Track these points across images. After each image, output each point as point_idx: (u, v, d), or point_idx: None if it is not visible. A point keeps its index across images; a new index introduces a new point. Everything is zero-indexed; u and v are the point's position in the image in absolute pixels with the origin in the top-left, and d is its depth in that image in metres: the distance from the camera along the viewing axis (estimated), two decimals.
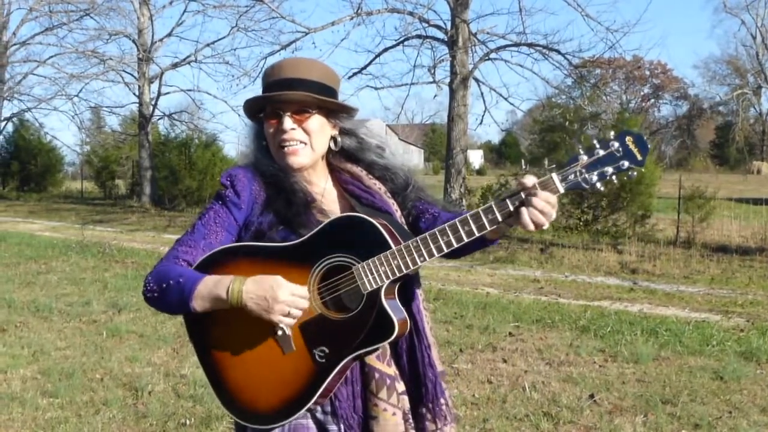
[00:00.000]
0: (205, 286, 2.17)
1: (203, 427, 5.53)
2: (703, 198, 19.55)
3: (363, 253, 2.21)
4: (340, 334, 2.22)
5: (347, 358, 2.22)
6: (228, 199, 2.34)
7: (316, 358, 2.21)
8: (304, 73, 2.45)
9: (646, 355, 7.66)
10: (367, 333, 2.21)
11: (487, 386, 6.66)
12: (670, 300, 11.17)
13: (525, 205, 2.12)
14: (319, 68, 2.51)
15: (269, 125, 2.43)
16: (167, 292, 2.19)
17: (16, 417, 5.78)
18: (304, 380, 2.22)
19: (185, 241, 2.32)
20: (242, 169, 2.42)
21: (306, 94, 2.40)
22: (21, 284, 11.92)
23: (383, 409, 2.30)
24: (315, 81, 2.44)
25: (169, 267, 2.24)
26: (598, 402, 6.24)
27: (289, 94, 2.40)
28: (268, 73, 2.50)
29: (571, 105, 22.24)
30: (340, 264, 2.23)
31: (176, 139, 31.73)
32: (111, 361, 7.35)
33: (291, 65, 2.49)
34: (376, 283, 2.20)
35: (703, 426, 5.68)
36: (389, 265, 2.19)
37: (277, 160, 2.43)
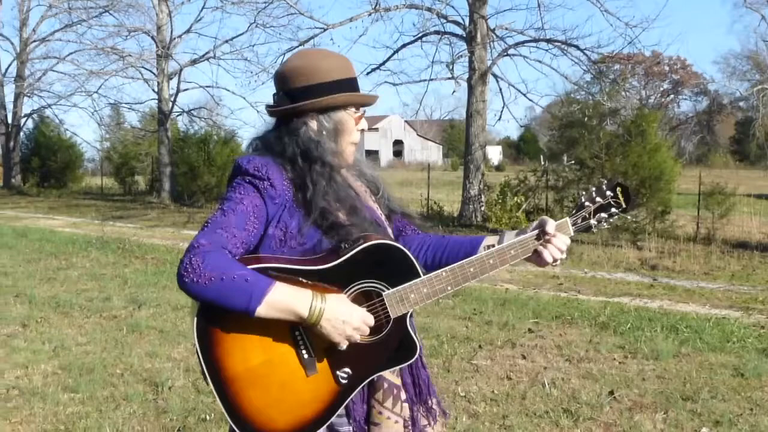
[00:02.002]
0: (280, 296, 2.09)
1: (223, 422, 5.54)
2: (723, 194, 19.46)
3: (393, 279, 2.28)
4: (365, 356, 2.25)
5: (369, 378, 2.27)
6: (266, 192, 2.27)
7: (339, 379, 2.23)
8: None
9: (666, 352, 7.63)
10: (392, 355, 2.30)
11: (507, 382, 6.66)
12: (691, 296, 11.12)
13: (545, 246, 2.43)
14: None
15: (356, 122, 2.49)
16: (227, 287, 2.06)
17: (38, 412, 5.81)
18: (325, 401, 2.22)
19: (227, 226, 2.19)
20: (267, 160, 2.34)
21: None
22: (42, 280, 11.98)
23: (386, 417, 2.34)
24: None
25: (226, 258, 2.11)
26: (618, 399, 6.22)
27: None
28: (347, 67, 2.51)
29: (590, 101, 22.13)
30: (369, 290, 2.27)
31: (195, 136, 31.75)
32: (131, 357, 7.38)
33: (349, 61, 2.57)
34: (405, 310, 2.29)
35: (723, 423, 5.65)
36: (419, 293, 2.30)
37: (344, 155, 2.46)
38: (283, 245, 2.28)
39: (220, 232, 2.16)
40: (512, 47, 21.42)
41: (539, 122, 70.90)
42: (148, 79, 33.16)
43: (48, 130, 40.59)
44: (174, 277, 2.15)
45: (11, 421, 5.61)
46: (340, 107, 2.44)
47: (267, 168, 2.29)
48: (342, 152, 2.44)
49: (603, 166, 20.24)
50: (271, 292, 2.08)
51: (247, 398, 2.16)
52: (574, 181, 21.20)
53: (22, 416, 5.72)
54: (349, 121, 2.46)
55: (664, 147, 21.00)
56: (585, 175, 20.85)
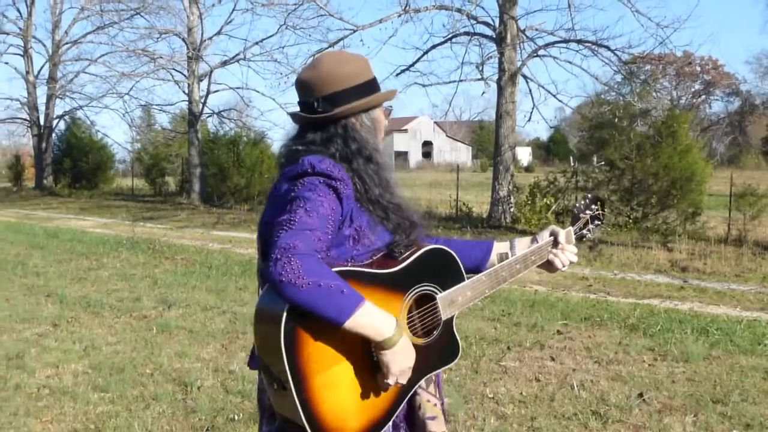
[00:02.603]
0: (368, 316, 2.11)
1: (251, 422, 5.57)
2: (755, 195, 19.30)
3: (445, 282, 2.39)
4: (421, 357, 2.30)
5: (424, 378, 2.34)
6: (343, 193, 2.28)
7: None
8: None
9: (697, 354, 7.58)
10: (440, 356, 2.40)
11: (535, 384, 6.64)
12: (721, 298, 11.04)
13: (556, 255, 2.76)
14: None
15: (386, 118, 2.61)
16: (323, 294, 2.05)
17: (68, 411, 5.86)
18: (390, 400, 2.27)
19: (313, 229, 2.17)
20: (335, 163, 2.35)
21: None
22: (73, 280, 12.08)
23: (427, 400, 2.45)
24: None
25: (322, 265, 2.10)
26: (647, 401, 6.19)
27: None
28: (362, 65, 2.56)
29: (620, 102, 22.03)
30: (426, 293, 2.34)
31: (225, 137, 31.91)
32: (161, 357, 7.43)
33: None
34: (453, 312, 2.41)
35: (754, 426, 5.61)
36: (465, 295, 2.44)
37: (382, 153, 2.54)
38: (357, 243, 2.32)
39: (309, 234, 2.15)
40: (542, 48, 21.35)
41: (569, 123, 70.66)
42: (178, 81, 33.39)
43: (79, 132, 40.92)
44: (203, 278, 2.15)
45: (42, 420, 5.67)
46: (377, 105, 2.53)
47: (339, 168, 2.32)
48: (381, 149, 2.53)
49: (633, 167, 20.14)
50: (360, 310, 2.09)
51: (322, 399, 2.16)
52: (604, 182, 21.09)
53: (52, 415, 5.78)
54: (381, 118, 2.55)
55: (695, 148, 20.87)
56: (615, 177, 20.76)
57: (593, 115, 22.68)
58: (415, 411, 2.42)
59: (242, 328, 8.64)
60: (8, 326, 8.73)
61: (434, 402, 2.43)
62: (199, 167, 31.53)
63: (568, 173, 22.52)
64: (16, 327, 8.70)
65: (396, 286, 2.27)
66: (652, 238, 17.67)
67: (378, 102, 2.52)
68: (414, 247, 2.35)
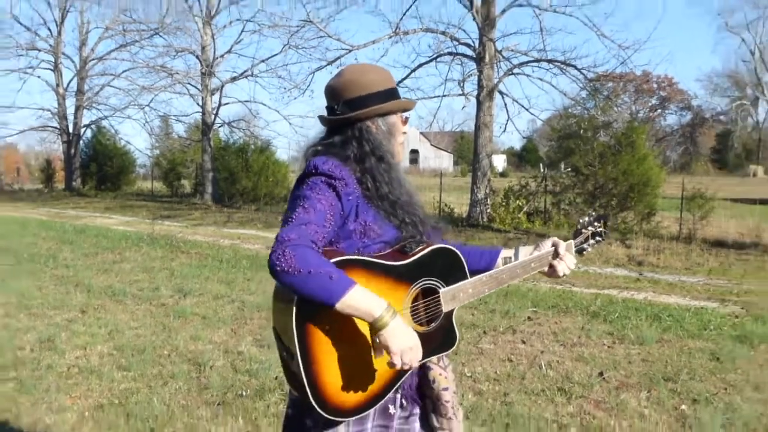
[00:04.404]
0: (357, 297, 2.09)
1: (257, 398, 5.59)
2: (704, 198, 19.38)
3: (448, 278, 2.38)
4: (421, 343, 2.27)
5: (420, 363, 2.31)
6: (342, 191, 2.26)
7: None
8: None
9: (650, 338, 7.63)
10: (439, 344, 2.39)
11: (508, 364, 6.67)
12: (673, 289, 11.09)
13: (557, 263, 2.70)
14: None
15: (403, 125, 2.58)
16: (311, 279, 2.05)
17: (95, 388, 5.88)
18: (385, 380, 2.26)
19: (309, 222, 2.17)
20: (337, 161, 2.34)
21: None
22: (99, 271, 12.07)
23: (439, 374, 2.42)
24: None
25: (313, 254, 2.10)
26: (606, 379, 6.23)
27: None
28: (384, 76, 2.55)
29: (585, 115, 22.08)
30: (429, 287, 2.34)
31: (234, 145, 31.85)
32: (177, 340, 7.44)
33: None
34: (454, 306, 2.40)
35: (701, 401, 5.66)
36: (466, 292, 2.42)
37: (396, 156, 2.53)
38: (363, 237, 2.31)
39: (305, 228, 2.15)
40: (517, 66, 21.37)
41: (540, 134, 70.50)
42: (193, 95, 33.37)
43: (104, 139, 40.84)
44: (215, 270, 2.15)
45: (71, 396, 5.68)
46: (394, 112, 2.52)
47: (340, 168, 2.29)
48: (396, 152, 2.52)
49: (596, 173, 20.18)
50: (350, 293, 2.07)
51: (325, 372, 2.16)
52: (570, 186, 21.16)
53: (80, 391, 5.79)
54: (398, 124, 2.53)
55: (651, 156, 20.94)
56: (580, 181, 20.80)
57: (561, 127, 22.73)
58: (430, 384, 2.42)
59: (249, 314, 8.66)
60: (41, 312, 8.73)
61: (445, 375, 2.42)
62: (211, 171, 31.49)
63: (538, 178, 22.57)
64: (48, 313, 8.71)
65: (403, 278, 2.27)
66: (612, 236, 17.72)
67: (393, 109, 2.50)
68: (424, 245, 2.37)
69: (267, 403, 5.44)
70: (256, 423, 5.07)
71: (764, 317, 8.76)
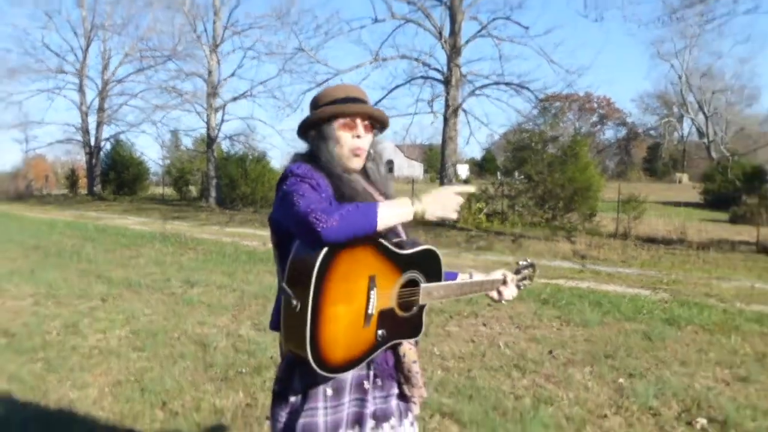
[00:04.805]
0: (387, 208, 2.11)
1: (255, 374, 5.56)
2: (637, 201, 19.59)
3: (429, 276, 2.36)
4: (396, 325, 2.28)
5: (391, 342, 2.30)
6: (316, 188, 2.19)
7: (377, 336, 2.24)
8: (364, 96, 2.47)
9: (593, 321, 7.67)
10: (410, 330, 2.35)
11: (471, 344, 6.68)
12: (611, 279, 11.16)
13: (502, 291, 2.67)
14: (367, 95, 2.50)
15: (345, 130, 2.38)
16: (349, 220, 2.01)
17: (114, 366, 5.82)
18: (364, 349, 2.22)
19: (313, 194, 2.13)
20: (308, 166, 2.28)
21: (381, 111, 2.46)
22: (117, 265, 11.97)
23: (408, 348, 2.38)
24: (371, 104, 2.48)
25: (331, 207, 2.05)
26: (555, 356, 6.25)
27: (377, 109, 2.44)
28: (333, 91, 2.44)
29: (536, 130, 22.24)
30: (415, 279, 2.31)
31: (235, 155, 31.71)
32: (185, 324, 7.39)
33: (355, 88, 2.48)
34: (427, 301, 2.36)
35: (636, 375, 5.69)
36: (438, 292, 2.38)
37: (344, 160, 2.38)
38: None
39: (312, 196, 2.11)
40: (478, 88, 21.48)
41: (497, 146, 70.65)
42: (199, 112, 33.17)
43: (122, 151, 40.58)
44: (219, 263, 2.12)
45: (93, 374, 5.62)
46: (329, 119, 2.38)
47: (312, 172, 2.24)
48: (340, 156, 2.37)
49: (546, 180, 20.31)
50: (380, 210, 2.08)
51: (328, 327, 2.11)
52: (523, 191, 21.29)
53: (101, 370, 5.73)
54: (337, 130, 2.37)
55: (592, 165, 21.13)
56: (532, 187, 20.92)
57: (516, 140, 22.84)
58: (401, 359, 2.39)
59: (248, 302, 8.62)
60: (66, 301, 8.64)
61: (414, 350, 2.38)
62: (215, 179, 31.34)
63: (496, 184, 22.63)
64: (72, 302, 8.62)
65: (400, 265, 2.24)
66: (560, 234, 17.82)
67: (320, 116, 2.37)
68: (418, 244, 2.34)
69: (263, 379, 5.41)
70: (254, 396, 5.05)
71: (689, 303, 8.84)
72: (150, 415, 4.68)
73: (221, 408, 4.80)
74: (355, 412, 2.30)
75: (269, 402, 2.44)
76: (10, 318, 7.67)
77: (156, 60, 34.30)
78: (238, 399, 4.99)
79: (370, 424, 2.32)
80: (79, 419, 4.63)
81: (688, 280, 11.04)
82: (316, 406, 2.25)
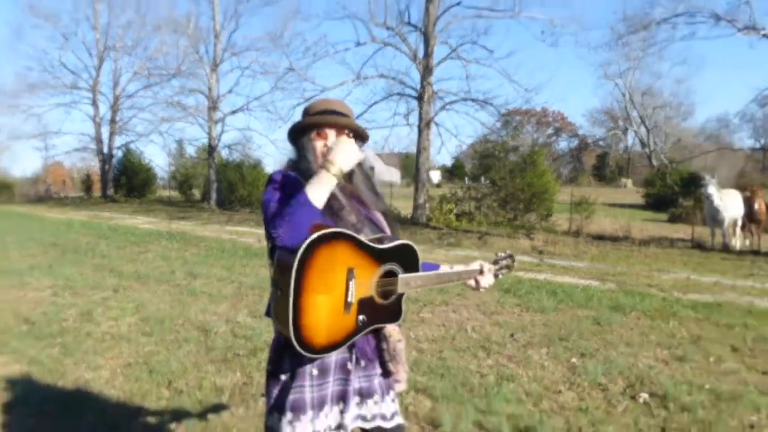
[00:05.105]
0: (312, 186, 2.12)
1: (251, 356, 5.53)
2: (587, 203, 19.71)
3: (406, 267, 2.33)
4: (376, 312, 2.27)
5: (372, 327, 2.29)
6: (291, 194, 2.20)
7: (358, 322, 2.23)
8: (345, 110, 2.45)
9: (549, 308, 7.71)
10: (389, 315, 2.33)
11: (442, 329, 6.69)
12: (566, 271, 11.23)
13: (479, 279, 2.65)
14: (350, 109, 2.49)
15: (318, 139, 2.38)
16: (292, 217, 2.07)
17: (124, 350, 5.78)
18: (347, 332, 2.21)
19: (276, 203, 2.18)
20: (288, 172, 2.32)
21: (356, 123, 2.45)
22: (128, 260, 11.87)
23: (393, 329, 2.37)
24: (351, 116, 2.46)
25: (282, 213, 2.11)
26: (516, 339, 6.28)
27: (349, 120, 2.42)
28: (316, 105, 2.44)
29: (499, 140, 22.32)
30: (392, 270, 2.30)
31: (233, 162, 31.59)
32: (189, 312, 7.34)
33: (336, 102, 2.46)
34: (405, 290, 2.34)
35: (586, 355, 5.73)
36: (416, 282, 2.36)
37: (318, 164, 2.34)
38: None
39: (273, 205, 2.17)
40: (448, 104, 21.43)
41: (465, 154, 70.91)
42: (201, 124, 32.83)
43: (132, 158, 40.28)
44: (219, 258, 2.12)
45: (106, 357, 5.57)
46: (306, 130, 2.39)
47: (287, 176, 2.28)
48: (316, 160, 2.35)
49: (507, 185, 20.41)
50: (308, 191, 2.11)
51: (309, 314, 2.12)
52: (488, 194, 21.36)
53: (113, 353, 5.69)
54: (313, 140, 2.38)
55: (548, 172, 21.27)
56: (495, 190, 21.01)
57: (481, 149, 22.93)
58: (387, 338, 2.38)
59: (245, 292, 8.58)
60: (82, 292, 8.56)
61: (398, 330, 2.37)
62: (215, 183, 31.15)
63: (464, 188, 22.71)
64: (87, 292, 8.53)
65: (378, 258, 2.23)
66: (520, 232, 17.89)
67: (299, 126, 2.39)
68: (396, 239, 2.32)
69: (258, 360, 5.39)
70: (250, 375, 5.03)
71: (633, 292, 8.91)
72: (157, 393, 4.64)
73: (221, 386, 4.77)
74: (339, 390, 2.31)
75: (264, 380, 2.44)
76: (31, 307, 7.59)
77: (162, 78, 34.07)
78: (236, 378, 4.96)
79: (355, 400, 2.34)
80: (93, 397, 4.59)
81: (632, 272, 11.14)
82: (303, 384, 2.26)
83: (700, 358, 5.70)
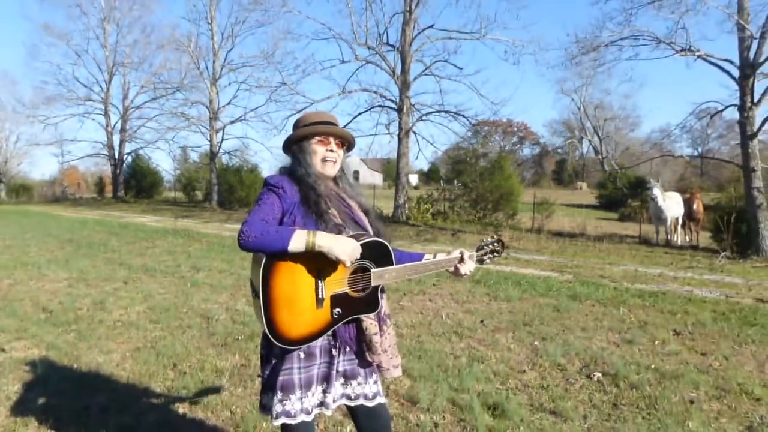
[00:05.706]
0: (296, 238, 2.07)
1: (249, 340, 5.50)
2: (548, 204, 19.84)
3: (378, 262, 2.31)
4: (351, 304, 2.26)
5: (348, 318, 2.29)
6: (281, 195, 2.25)
7: (333, 314, 2.23)
8: (335, 121, 2.49)
9: (514, 297, 7.74)
10: (365, 307, 2.32)
11: (420, 316, 6.69)
12: (529, 264, 11.28)
13: (461, 265, 2.54)
14: (337, 120, 2.54)
15: (320, 145, 2.40)
16: (267, 237, 2.06)
17: (133, 336, 5.71)
18: (322, 325, 2.22)
19: (262, 213, 2.18)
20: (283, 177, 2.33)
21: (350, 133, 2.50)
22: (136, 255, 11.74)
23: (370, 323, 2.35)
24: (341, 127, 2.49)
25: (263, 225, 2.11)
26: (486, 325, 6.29)
27: (344, 130, 2.46)
28: (309, 116, 2.45)
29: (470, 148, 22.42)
30: (365, 265, 2.29)
31: (233, 167, 31.42)
32: (193, 301, 7.28)
33: (329, 114, 2.50)
34: (380, 282, 2.33)
35: (547, 338, 5.75)
36: (390, 274, 2.33)
37: (318, 168, 2.39)
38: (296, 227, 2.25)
39: (256, 214, 2.16)
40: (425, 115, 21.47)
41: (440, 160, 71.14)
42: (203, 132, 32.57)
43: (141, 163, 40.04)
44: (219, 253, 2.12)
45: (117, 342, 5.51)
46: (305, 137, 2.40)
47: (282, 181, 2.29)
48: (316, 164, 2.39)
49: (478, 187, 20.48)
50: (293, 238, 2.09)
51: (280, 312, 2.14)
52: (461, 195, 21.44)
53: (123, 339, 5.62)
54: (312, 146, 2.39)
55: (513, 176, 21.38)
56: (467, 192, 21.10)
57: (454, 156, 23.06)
58: (364, 331, 2.37)
59: (244, 283, 8.52)
60: (95, 283, 8.45)
61: (375, 324, 2.34)
62: (216, 185, 30.96)
63: (439, 190, 22.76)
64: (99, 284, 8.43)
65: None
66: (489, 229, 17.96)
67: (299, 134, 2.40)
68: (368, 237, 2.30)
69: (255, 344, 5.35)
70: (248, 358, 4.99)
71: (588, 282, 8.97)
72: (163, 375, 4.60)
73: (221, 368, 4.73)
74: (324, 372, 2.32)
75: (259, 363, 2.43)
76: (48, 298, 7.49)
77: (167, 91, 33.76)
78: (234, 360, 4.93)
79: (340, 381, 2.36)
80: (105, 378, 4.53)
81: (587, 264, 11.22)
82: (292, 367, 2.27)
83: (646, 341, 5.75)
